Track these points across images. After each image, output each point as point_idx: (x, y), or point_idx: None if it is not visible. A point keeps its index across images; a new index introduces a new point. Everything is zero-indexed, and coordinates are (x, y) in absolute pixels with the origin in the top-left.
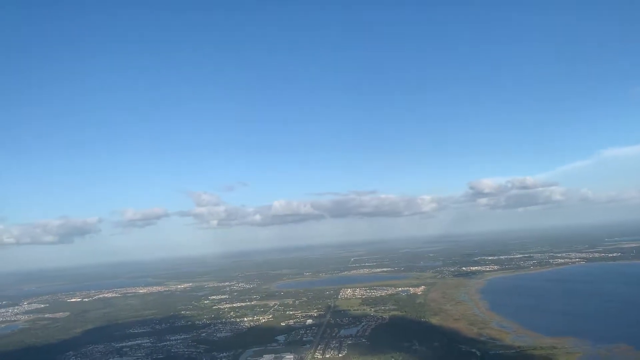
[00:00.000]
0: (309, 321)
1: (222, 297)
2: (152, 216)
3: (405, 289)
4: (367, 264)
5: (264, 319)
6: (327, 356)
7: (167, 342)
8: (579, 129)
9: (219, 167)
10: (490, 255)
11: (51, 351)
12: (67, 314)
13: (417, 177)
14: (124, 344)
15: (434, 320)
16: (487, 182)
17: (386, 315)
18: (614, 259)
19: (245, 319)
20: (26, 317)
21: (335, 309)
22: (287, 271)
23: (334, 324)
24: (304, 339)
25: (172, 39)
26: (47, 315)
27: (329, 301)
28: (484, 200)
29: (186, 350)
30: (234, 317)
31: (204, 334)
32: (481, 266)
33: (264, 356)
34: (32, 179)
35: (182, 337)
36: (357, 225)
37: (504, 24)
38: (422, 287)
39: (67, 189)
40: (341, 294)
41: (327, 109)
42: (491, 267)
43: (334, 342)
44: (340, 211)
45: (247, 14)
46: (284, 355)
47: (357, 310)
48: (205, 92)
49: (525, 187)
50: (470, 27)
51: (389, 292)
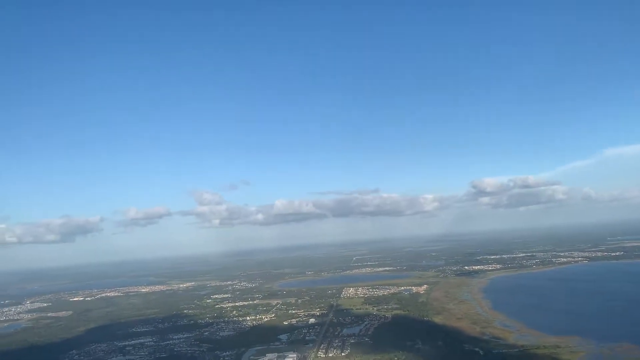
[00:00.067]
0: (312, 320)
1: (225, 296)
2: (154, 215)
3: (407, 288)
4: (369, 263)
5: (267, 317)
6: (330, 355)
7: (170, 341)
8: (581, 128)
9: (221, 166)
10: (492, 254)
11: (54, 350)
12: (70, 312)
13: (420, 176)
14: (126, 343)
15: (437, 319)
16: (490, 181)
17: (389, 314)
18: (617, 257)
19: (247, 318)
20: (29, 316)
21: (337, 308)
22: (289, 270)
23: (336, 323)
24: (307, 338)
25: (172, 39)
26: (49, 314)
27: (331, 300)
28: (486, 199)
29: (189, 349)
30: (236, 316)
31: (206, 333)
32: (483, 265)
33: (266, 355)
34: (34, 178)
35: (185, 336)
36: (359, 224)
37: (506, 24)
38: (425, 286)
39: (69, 188)
40: (344, 293)
41: (329, 109)
42: (494, 266)
43: (337, 341)
44: (342, 210)
45: (247, 14)
46: (286, 354)
47: (360, 309)
48: (207, 92)
49: (527, 186)
50: (472, 27)
51: (392, 291)
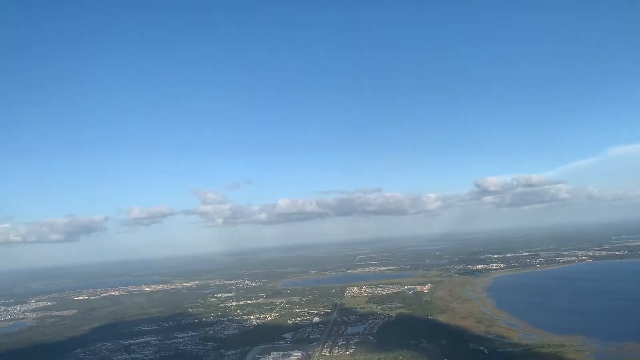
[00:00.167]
0: (316, 319)
1: (229, 295)
2: (158, 214)
3: (411, 287)
4: (372, 262)
5: (271, 316)
6: (335, 354)
7: (175, 340)
8: (585, 127)
9: (225, 166)
10: (496, 253)
11: (60, 349)
12: (75, 311)
13: (422, 175)
14: (131, 342)
15: (441, 318)
16: (493, 180)
17: (393, 313)
18: (621, 257)
19: (252, 317)
20: (34, 314)
21: (341, 306)
22: (292, 269)
23: (340, 322)
24: (311, 336)
25: (173, 39)
26: (54, 313)
27: (335, 299)
28: (489, 198)
29: (194, 347)
30: (240, 315)
31: (211, 332)
32: (487, 264)
33: (271, 354)
34: (38, 178)
35: (190, 334)
36: (362, 223)
37: (508, 24)
38: (429, 285)
39: (73, 188)
40: (347, 292)
41: (332, 108)
42: (497, 265)
43: (341, 339)
44: (345, 209)
45: (247, 14)
46: (291, 352)
47: (364, 308)
48: (209, 92)
49: (531, 185)
50: (474, 27)
51: (395, 290)
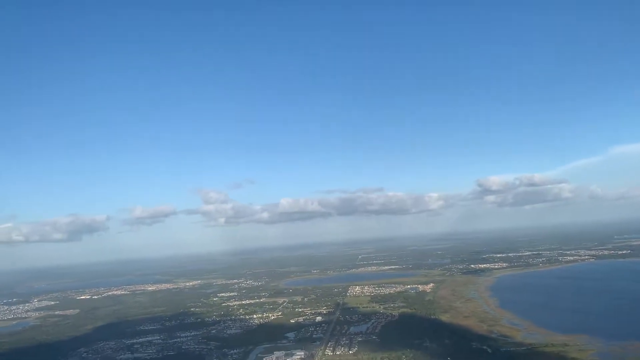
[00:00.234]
0: (319, 318)
1: (231, 294)
2: (160, 214)
3: (414, 286)
4: (375, 262)
5: (274, 316)
6: (338, 353)
7: (178, 339)
8: (587, 126)
9: (227, 166)
10: (498, 252)
11: (63, 348)
12: (77, 311)
13: (425, 175)
14: (134, 341)
15: (444, 317)
16: (495, 180)
17: (396, 312)
18: (624, 256)
19: (254, 316)
20: (37, 314)
21: (344, 306)
22: (294, 269)
23: (343, 321)
24: (314, 336)
25: (175, 39)
26: (57, 312)
27: (337, 298)
28: (491, 197)
29: (197, 346)
30: (243, 314)
31: (214, 331)
32: (490, 264)
33: (274, 353)
34: (40, 177)
35: (193, 334)
36: (364, 222)
37: (509, 24)
38: (431, 284)
39: (75, 187)
40: (350, 291)
41: (334, 108)
42: (500, 264)
43: (344, 339)
44: (347, 209)
45: (248, 13)
46: (294, 352)
47: (367, 307)
48: (212, 92)
49: (533, 185)
50: (475, 26)
51: (398, 289)
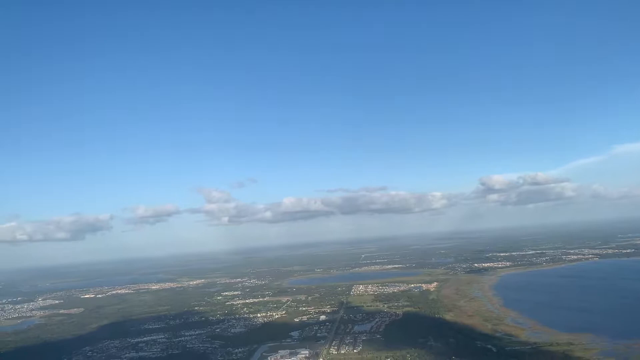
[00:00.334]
0: (323, 317)
1: (235, 293)
2: (163, 213)
3: (417, 285)
4: (378, 261)
5: (278, 314)
6: (342, 352)
7: (182, 338)
8: (590, 125)
9: (230, 165)
10: (502, 251)
11: (68, 346)
12: (82, 309)
13: (428, 174)
14: (139, 340)
15: (448, 316)
16: (498, 179)
17: (399, 311)
18: (628, 255)
19: (258, 315)
20: (41, 312)
21: (348, 305)
22: (298, 268)
23: (347, 320)
24: (318, 334)
25: (178, 39)
26: (61, 311)
27: (341, 297)
28: (494, 196)
29: (201, 345)
30: (247, 313)
31: (218, 330)
32: (493, 262)
33: (279, 351)
34: (44, 177)
35: (197, 332)
36: (367, 221)
37: (511, 23)
38: (435, 283)
39: (79, 187)
40: (353, 290)
41: (337, 107)
42: (503, 263)
43: (349, 337)
44: (350, 208)
45: (253, 13)
46: (299, 350)
47: (370, 306)
48: (214, 91)
49: (536, 183)
50: (478, 26)
51: (402, 288)
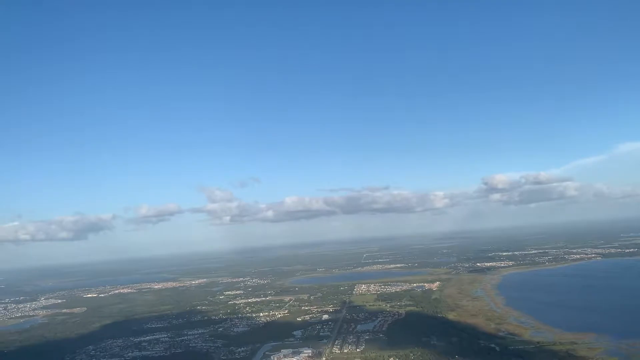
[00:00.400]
0: (325, 316)
1: (237, 292)
2: (166, 212)
3: (420, 284)
4: (380, 260)
5: (280, 314)
6: (345, 351)
7: (185, 337)
8: (593, 124)
9: (232, 164)
10: (504, 251)
11: (71, 345)
12: (84, 309)
13: (430, 173)
14: (142, 339)
15: (451, 315)
16: (501, 178)
17: (402, 310)
18: (631, 254)
19: (261, 314)
20: (44, 312)
21: (350, 304)
22: (300, 267)
23: (350, 319)
24: (321, 334)
25: (182, 39)
26: (64, 310)
27: (344, 297)
28: (497, 196)
29: (204, 344)
30: (249, 313)
31: (220, 329)
32: (496, 262)
33: (281, 351)
34: (46, 176)
35: (200, 331)
36: (369, 221)
37: (514, 22)
38: (437, 283)
39: (81, 186)
40: (356, 289)
41: (339, 107)
42: (506, 262)
43: (351, 337)
44: (352, 207)
45: (257, 13)
46: (301, 350)
47: (373, 305)
48: (217, 91)
49: (539, 183)
50: (481, 24)
51: (404, 287)
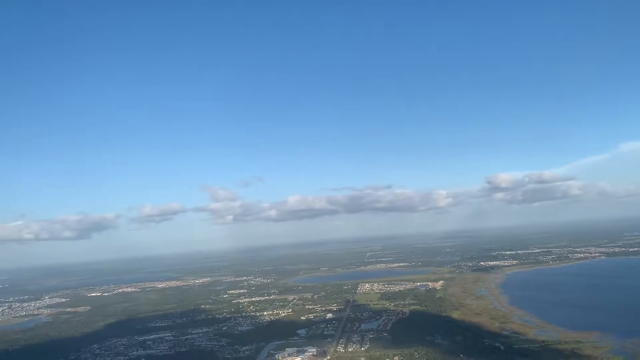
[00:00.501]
0: (329, 315)
1: (241, 291)
2: (169, 211)
3: (423, 283)
4: (383, 259)
5: (284, 313)
6: (350, 350)
7: (189, 336)
8: (597, 123)
9: (235, 163)
10: (508, 250)
11: (76, 344)
12: (88, 308)
13: (433, 172)
14: (146, 337)
15: (455, 314)
16: (504, 177)
17: (406, 309)
18: (635, 253)
19: (265, 313)
20: (48, 311)
21: (354, 303)
22: (303, 266)
23: (354, 318)
24: (325, 332)
25: (185, 38)
26: (68, 309)
27: (347, 296)
28: (500, 195)
29: (209, 343)
30: (253, 311)
31: (225, 328)
32: (499, 261)
33: (286, 349)
34: (50, 176)
35: (204, 330)
36: (372, 220)
37: (519, 21)
38: (441, 281)
39: (85, 186)
40: (359, 288)
41: (342, 106)
42: (509, 261)
43: (356, 336)
44: (355, 206)
45: (260, 13)
46: (306, 348)
47: (377, 304)
48: (221, 90)
49: (542, 182)
50: (487, 23)
51: (408, 286)
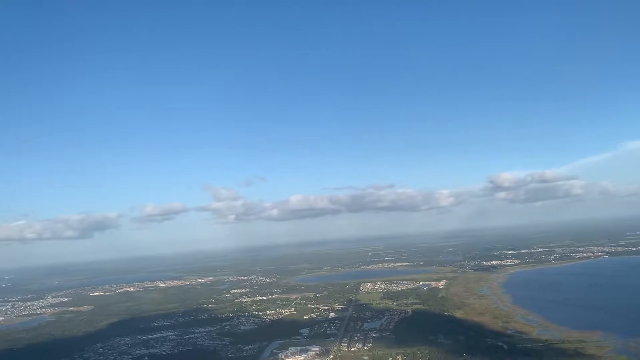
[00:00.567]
0: (332, 314)
1: (243, 290)
2: (171, 211)
3: (426, 283)
4: (385, 259)
5: (287, 312)
6: (353, 349)
7: (192, 335)
8: (599, 122)
9: (237, 163)
10: (510, 249)
11: (79, 343)
12: (91, 307)
13: (435, 172)
14: (149, 337)
15: (458, 314)
16: (507, 176)
17: (409, 309)
18: (638, 252)
19: (267, 312)
20: (51, 310)
21: (357, 302)
22: (305, 265)
23: (357, 318)
24: (328, 332)
25: (187, 38)
26: (71, 308)
27: (350, 295)
28: (502, 194)
29: (211, 342)
30: (256, 311)
31: (227, 327)
32: (502, 260)
33: (289, 349)
34: (52, 176)
35: (207, 329)
36: (374, 219)
37: (520, 20)
38: (443, 281)
39: (87, 186)
40: (362, 288)
41: (344, 105)
42: (512, 261)
43: (358, 335)
44: (357, 206)
45: (261, 13)
46: (309, 347)
47: (379, 304)
48: (223, 90)
49: (545, 181)
50: (486, 22)
51: (410, 286)
